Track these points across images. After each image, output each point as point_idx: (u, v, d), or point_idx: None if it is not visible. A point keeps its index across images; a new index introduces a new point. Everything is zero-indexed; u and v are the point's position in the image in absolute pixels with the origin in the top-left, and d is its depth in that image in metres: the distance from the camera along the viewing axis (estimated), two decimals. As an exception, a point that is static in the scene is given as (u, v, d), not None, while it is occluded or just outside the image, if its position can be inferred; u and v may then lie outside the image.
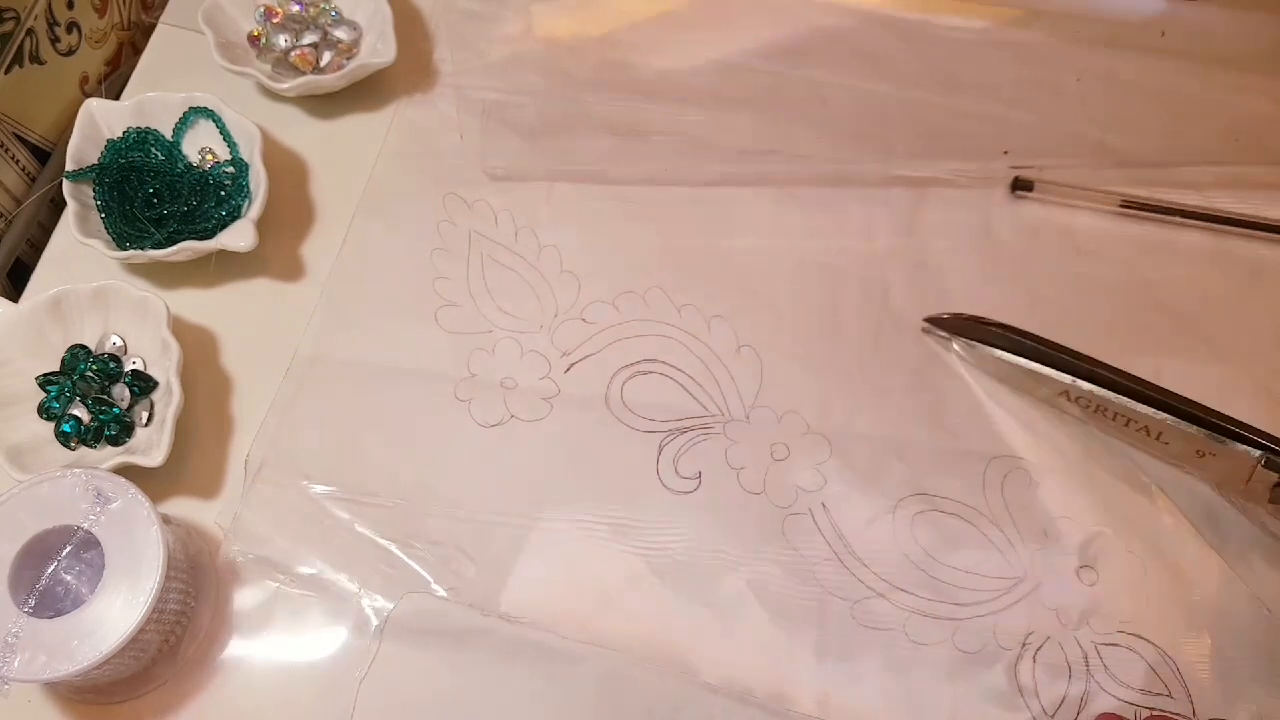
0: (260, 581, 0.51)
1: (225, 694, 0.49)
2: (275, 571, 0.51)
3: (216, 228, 0.57)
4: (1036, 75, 0.67)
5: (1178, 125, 0.66)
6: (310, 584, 0.50)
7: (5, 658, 0.42)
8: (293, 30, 0.63)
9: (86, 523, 0.45)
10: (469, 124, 0.62)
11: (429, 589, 0.50)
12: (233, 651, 0.50)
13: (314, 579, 0.50)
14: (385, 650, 0.49)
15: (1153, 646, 0.52)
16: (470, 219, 0.60)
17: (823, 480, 0.55)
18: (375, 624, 0.49)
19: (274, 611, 0.50)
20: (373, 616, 0.50)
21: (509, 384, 0.56)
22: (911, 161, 0.64)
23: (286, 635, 0.50)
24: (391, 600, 0.50)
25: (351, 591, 0.50)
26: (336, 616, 0.50)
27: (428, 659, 0.49)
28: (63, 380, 0.53)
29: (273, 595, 0.50)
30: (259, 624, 0.50)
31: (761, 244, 0.61)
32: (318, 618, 0.50)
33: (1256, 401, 0.58)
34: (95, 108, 0.59)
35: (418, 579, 0.51)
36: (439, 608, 0.50)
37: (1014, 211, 0.63)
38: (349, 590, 0.50)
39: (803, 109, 0.65)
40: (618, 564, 0.52)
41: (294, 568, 0.51)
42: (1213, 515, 0.55)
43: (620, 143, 0.63)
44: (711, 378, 0.57)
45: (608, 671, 0.49)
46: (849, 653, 0.51)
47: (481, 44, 0.66)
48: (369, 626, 0.50)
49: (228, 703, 0.49)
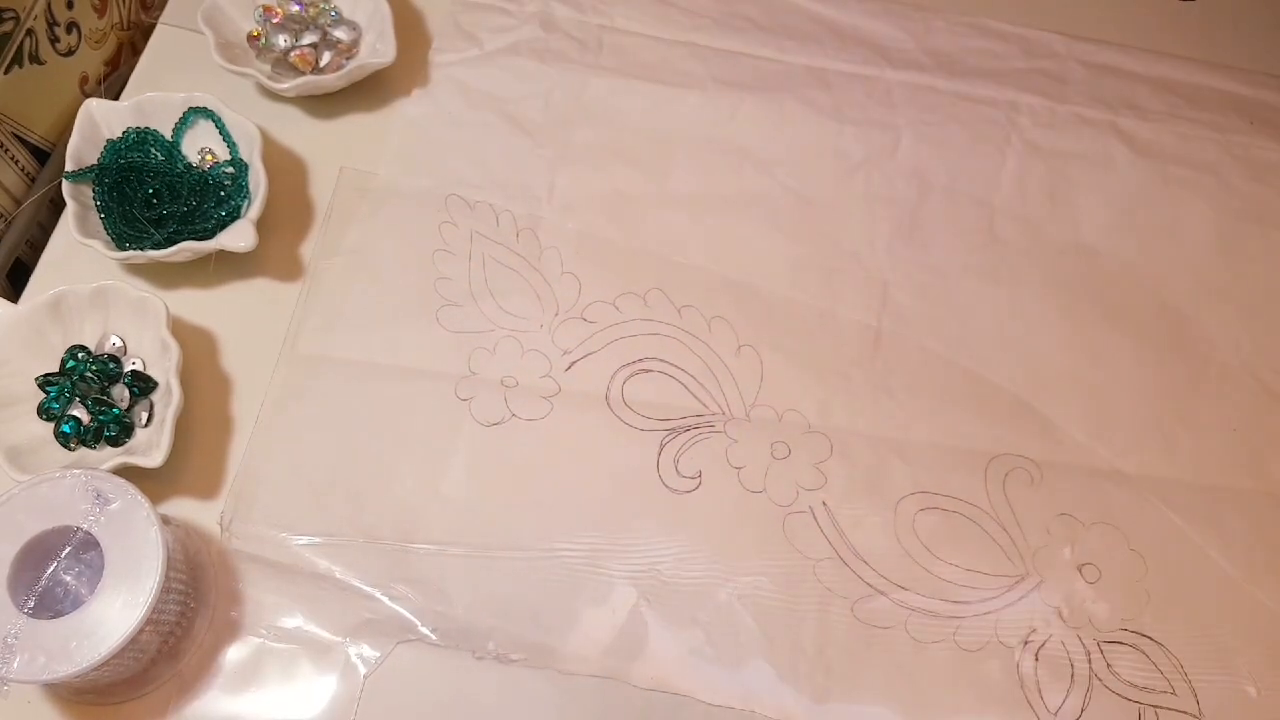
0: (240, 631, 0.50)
1: (225, 694, 0.49)
2: (259, 627, 0.50)
3: (216, 228, 0.57)
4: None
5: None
6: (293, 638, 0.50)
7: (5, 658, 0.42)
8: (292, 30, 0.63)
9: (86, 523, 0.45)
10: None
11: (416, 631, 0.50)
12: (233, 652, 0.49)
13: (297, 632, 0.50)
14: (372, 695, 0.49)
15: (1156, 644, 0.52)
16: (472, 220, 0.60)
17: (823, 479, 0.55)
18: (363, 671, 0.49)
19: (245, 652, 0.50)
20: (359, 664, 0.49)
21: (509, 382, 0.56)
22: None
23: (257, 671, 0.49)
24: (377, 648, 0.50)
25: (336, 640, 0.50)
26: (313, 661, 0.50)
27: (418, 701, 0.49)
28: (62, 381, 0.53)
29: (246, 642, 0.50)
30: (237, 670, 0.50)
31: (762, 244, 0.61)
32: (291, 659, 0.50)
33: (1258, 400, 0.58)
34: (95, 108, 0.59)
35: (403, 622, 0.50)
36: (431, 656, 0.50)
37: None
38: (333, 640, 0.50)
39: (804, 94, 0.65)
40: (608, 590, 0.51)
41: (276, 622, 0.50)
42: (1214, 513, 0.55)
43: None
44: (712, 376, 0.57)
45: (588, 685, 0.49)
46: (850, 651, 0.51)
47: (481, 34, 0.66)
48: (347, 668, 0.49)
49: (228, 703, 0.49)
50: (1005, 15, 0.69)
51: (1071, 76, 0.67)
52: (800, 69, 0.66)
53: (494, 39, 0.66)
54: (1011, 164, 0.64)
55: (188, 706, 0.48)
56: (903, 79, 0.66)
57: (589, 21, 0.67)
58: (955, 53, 0.68)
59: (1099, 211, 0.63)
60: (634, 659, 0.50)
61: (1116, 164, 0.65)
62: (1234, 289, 0.62)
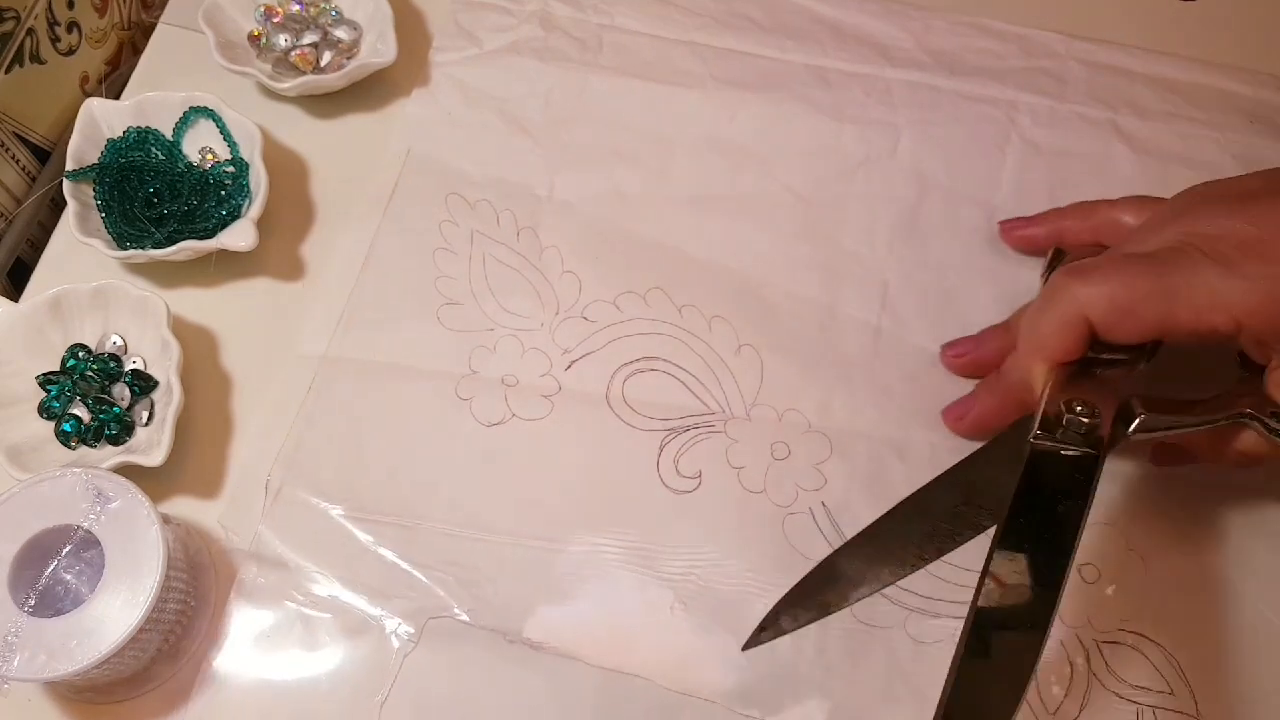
0: (270, 596, 0.51)
1: (226, 694, 0.49)
2: (294, 592, 0.50)
3: (217, 227, 0.57)
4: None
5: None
6: (328, 606, 0.50)
7: (5, 657, 0.42)
8: (293, 30, 0.63)
9: (86, 522, 0.45)
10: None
11: (451, 612, 0.50)
12: (233, 651, 0.50)
13: (332, 601, 0.50)
14: (406, 673, 0.49)
15: (1154, 644, 0.52)
16: (472, 219, 0.60)
17: (823, 479, 0.55)
18: (396, 646, 0.49)
19: (276, 617, 0.50)
20: (394, 639, 0.50)
21: (510, 381, 0.56)
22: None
23: (288, 637, 0.50)
24: (411, 623, 0.50)
25: (372, 614, 0.50)
26: (347, 632, 0.50)
27: (450, 681, 0.49)
28: (63, 380, 0.53)
29: (279, 606, 0.50)
30: (264, 636, 0.50)
31: (762, 243, 0.61)
32: (325, 629, 0.50)
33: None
34: (95, 107, 0.59)
35: (439, 602, 0.50)
36: (463, 633, 0.50)
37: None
38: (370, 613, 0.50)
39: (804, 93, 0.65)
40: (640, 589, 0.51)
41: (312, 589, 0.50)
42: (1215, 512, 0.55)
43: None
44: (713, 376, 0.57)
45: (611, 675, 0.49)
46: (850, 651, 0.51)
47: (480, 33, 0.66)
48: (382, 643, 0.50)
49: (228, 703, 0.49)
50: (1005, 15, 0.69)
51: (1071, 76, 0.67)
52: (800, 68, 0.66)
53: (494, 38, 0.66)
54: (1012, 163, 0.64)
55: (186, 706, 0.48)
56: (903, 78, 0.66)
57: (589, 20, 0.67)
58: (955, 52, 0.68)
59: (1099, 211, 0.63)
60: (663, 661, 0.50)
61: (1117, 163, 0.64)
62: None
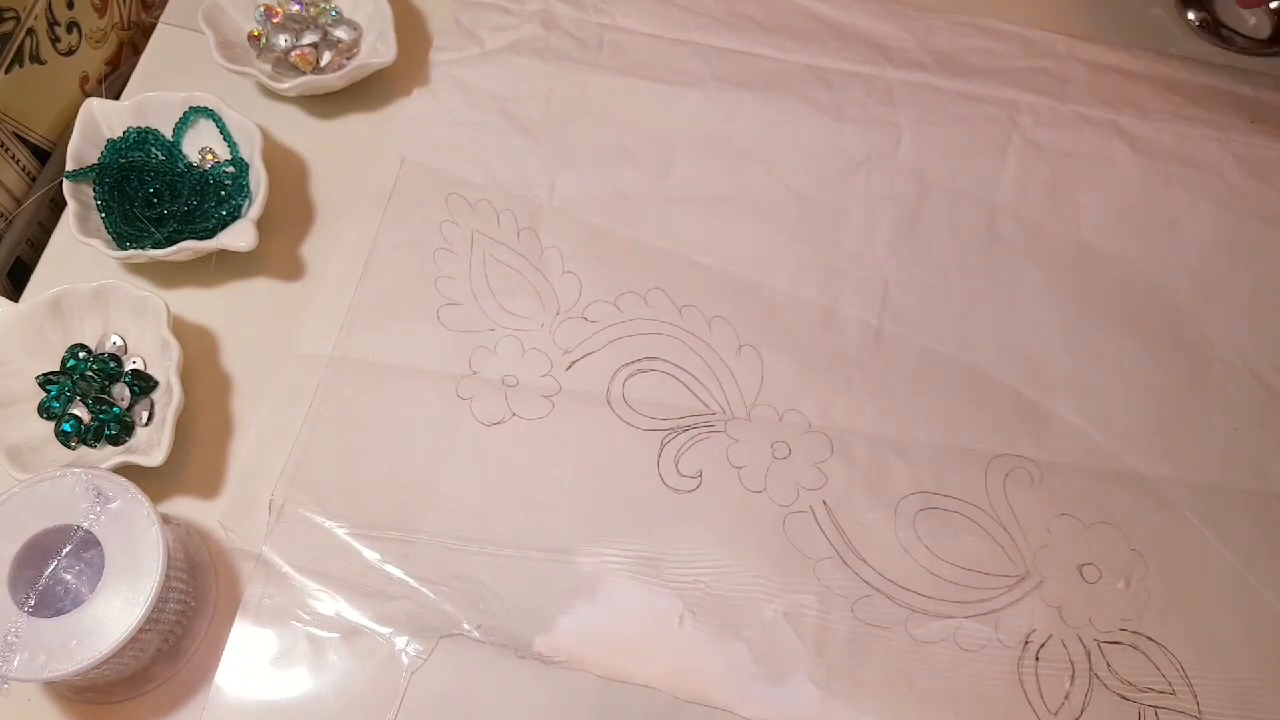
0: (277, 616, 0.50)
1: (226, 694, 0.49)
2: (300, 612, 0.50)
3: (217, 227, 0.57)
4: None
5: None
6: (335, 625, 0.50)
7: (5, 657, 0.42)
8: (293, 30, 0.63)
9: (86, 522, 0.45)
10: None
11: (461, 628, 0.50)
12: (241, 672, 0.49)
13: (339, 619, 0.50)
14: (415, 690, 0.49)
15: (1156, 644, 0.52)
16: (473, 219, 0.60)
17: (824, 479, 0.55)
18: (405, 663, 0.49)
19: (283, 638, 0.50)
20: (403, 657, 0.49)
21: (510, 381, 0.56)
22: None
23: (295, 657, 0.49)
24: (419, 640, 0.50)
25: (380, 632, 0.50)
26: (354, 650, 0.50)
27: (460, 696, 0.49)
28: (63, 380, 0.53)
29: (286, 626, 0.50)
30: (272, 657, 0.50)
31: (763, 243, 0.61)
32: (333, 648, 0.50)
33: (1259, 400, 0.58)
34: (95, 107, 0.59)
35: (448, 617, 0.50)
36: (473, 649, 0.50)
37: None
38: (378, 630, 0.50)
39: (804, 93, 0.65)
40: (649, 600, 0.51)
41: (318, 608, 0.50)
42: (1216, 511, 0.55)
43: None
44: (713, 376, 0.57)
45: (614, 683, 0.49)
46: (850, 651, 0.51)
47: (481, 33, 0.66)
48: (390, 660, 0.49)
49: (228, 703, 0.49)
50: (1006, 15, 0.69)
51: (1072, 75, 0.67)
52: (801, 68, 0.66)
53: (494, 38, 0.66)
54: (1012, 163, 0.64)
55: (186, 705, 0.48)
56: (904, 78, 0.66)
57: (590, 20, 0.67)
58: (956, 52, 0.68)
59: (1100, 210, 0.63)
60: (673, 670, 0.50)
61: (1117, 163, 0.64)
62: (1235, 288, 0.62)
